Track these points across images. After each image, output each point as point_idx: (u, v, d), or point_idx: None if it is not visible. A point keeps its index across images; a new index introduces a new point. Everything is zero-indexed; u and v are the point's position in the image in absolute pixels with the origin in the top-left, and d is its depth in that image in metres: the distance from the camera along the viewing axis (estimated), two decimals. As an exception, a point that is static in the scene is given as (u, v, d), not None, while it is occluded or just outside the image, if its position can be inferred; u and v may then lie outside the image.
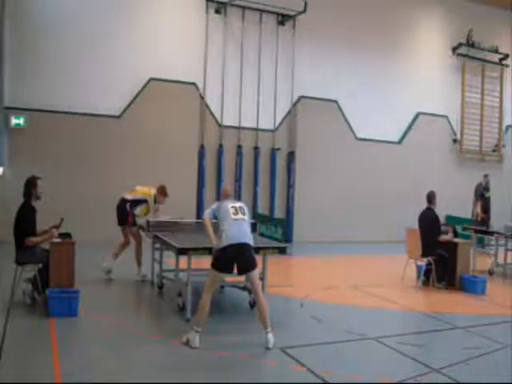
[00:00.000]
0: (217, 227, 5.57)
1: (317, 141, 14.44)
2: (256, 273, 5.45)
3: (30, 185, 6.43)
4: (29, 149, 11.45)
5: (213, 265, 5.38)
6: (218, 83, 13.56)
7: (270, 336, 5.23)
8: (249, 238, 5.43)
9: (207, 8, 13.47)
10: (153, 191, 8.28)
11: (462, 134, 17.22)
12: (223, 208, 5.53)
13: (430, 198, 8.79)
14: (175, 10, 13.14)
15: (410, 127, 16.24)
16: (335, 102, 14.83)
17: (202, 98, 13.40)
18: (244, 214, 5.55)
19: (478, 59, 17.40)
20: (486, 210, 13.37)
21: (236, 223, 5.38)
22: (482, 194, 13.50)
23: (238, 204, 5.66)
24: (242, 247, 5.31)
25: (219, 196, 13.32)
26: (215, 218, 5.62)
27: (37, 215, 6.44)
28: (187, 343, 5.15)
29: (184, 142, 12.97)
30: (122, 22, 12.50)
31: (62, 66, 11.86)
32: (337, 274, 9.96)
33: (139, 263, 8.38)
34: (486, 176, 13.87)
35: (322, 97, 14.55)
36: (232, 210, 5.47)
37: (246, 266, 5.35)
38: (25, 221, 6.32)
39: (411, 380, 4.57)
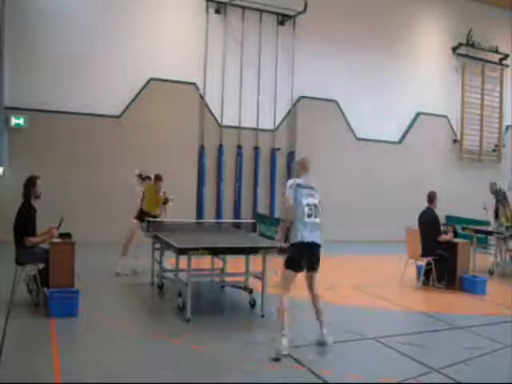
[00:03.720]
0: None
1: (317, 141, 14.43)
2: (317, 274, 5.54)
3: (30, 184, 6.43)
4: (29, 149, 11.46)
5: (287, 265, 5.32)
6: (218, 83, 13.56)
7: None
8: (319, 239, 5.40)
9: (207, 8, 13.48)
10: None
11: (461, 134, 17.23)
12: (298, 201, 5.31)
13: (431, 198, 8.78)
14: (175, 10, 13.15)
15: (410, 127, 16.25)
16: (335, 102, 14.84)
17: (202, 97, 13.40)
18: (317, 216, 5.39)
19: (478, 59, 17.41)
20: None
21: (308, 225, 5.30)
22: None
23: (313, 201, 5.40)
24: (313, 246, 5.33)
25: (219, 195, 13.48)
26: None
27: (37, 215, 6.43)
28: (278, 358, 4.87)
29: (184, 142, 12.98)
30: (122, 22, 12.51)
31: (62, 66, 11.87)
32: (337, 274, 9.94)
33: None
34: (494, 184, 11.57)
35: (322, 97, 14.56)
36: (307, 211, 5.30)
37: (314, 265, 5.41)
38: (24, 221, 6.31)
39: (411, 380, 4.57)
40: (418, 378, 4.61)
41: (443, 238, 8.64)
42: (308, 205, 5.33)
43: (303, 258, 5.30)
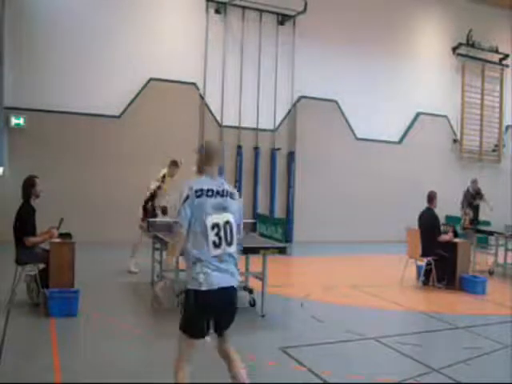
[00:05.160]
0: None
1: (317, 141, 14.43)
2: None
3: (29, 184, 6.43)
4: (29, 149, 11.44)
5: (183, 327, 3.49)
6: (218, 83, 13.55)
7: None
8: (235, 279, 3.50)
9: (207, 8, 13.47)
10: (163, 172, 9.00)
11: (461, 134, 17.22)
12: (198, 220, 3.39)
13: (431, 197, 8.79)
14: (175, 10, 13.15)
15: (409, 127, 16.24)
16: (335, 102, 14.84)
17: (202, 97, 13.39)
18: (231, 242, 3.45)
19: (478, 59, 17.40)
20: (472, 219, 11.80)
21: (217, 260, 3.38)
22: (469, 203, 12.04)
23: (225, 218, 3.43)
24: (226, 293, 3.43)
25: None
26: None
27: (36, 215, 6.44)
28: None
29: (184, 142, 12.94)
30: (122, 22, 12.49)
31: (62, 65, 11.86)
32: (337, 274, 9.95)
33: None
34: (473, 182, 12.37)
35: (322, 97, 14.56)
36: (213, 237, 3.35)
37: (228, 323, 3.68)
38: (24, 221, 6.31)
39: (411, 380, 4.57)
40: (418, 378, 4.62)
41: (443, 238, 8.64)
42: (216, 226, 3.34)
43: (209, 316, 3.42)
